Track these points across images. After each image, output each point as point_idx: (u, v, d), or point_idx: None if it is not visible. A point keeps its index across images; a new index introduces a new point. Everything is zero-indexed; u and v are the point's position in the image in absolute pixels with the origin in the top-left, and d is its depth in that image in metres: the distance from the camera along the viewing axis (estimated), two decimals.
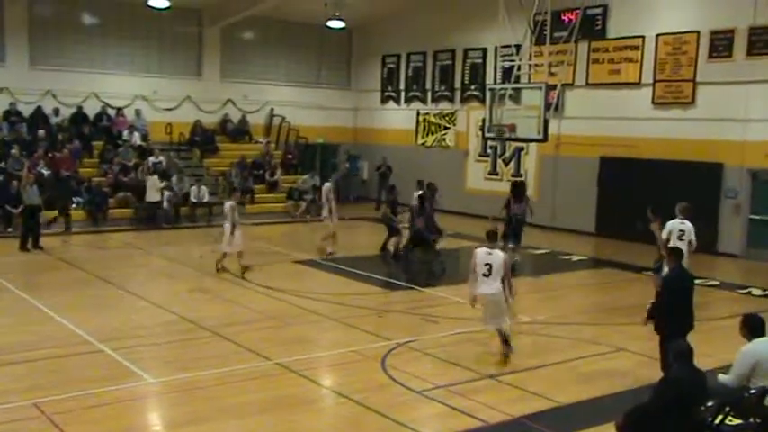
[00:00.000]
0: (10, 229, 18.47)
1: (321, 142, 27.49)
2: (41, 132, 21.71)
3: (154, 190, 20.98)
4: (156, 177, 21.22)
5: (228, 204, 14.61)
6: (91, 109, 23.50)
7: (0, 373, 8.77)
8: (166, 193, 21.25)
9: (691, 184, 18.43)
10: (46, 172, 20.41)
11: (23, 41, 22.52)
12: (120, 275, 14.17)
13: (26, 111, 22.37)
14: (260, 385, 8.69)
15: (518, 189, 16.65)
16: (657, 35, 19.38)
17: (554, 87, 16.84)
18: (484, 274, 9.39)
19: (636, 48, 19.88)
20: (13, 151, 20.43)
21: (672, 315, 8.37)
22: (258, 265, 14.90)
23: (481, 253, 9.48)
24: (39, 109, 22.53)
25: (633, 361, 9.82)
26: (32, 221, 16.70)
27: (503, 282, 9.38)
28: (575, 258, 17.86)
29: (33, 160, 20.50)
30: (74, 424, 7.31)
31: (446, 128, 25.78)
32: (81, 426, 7.32)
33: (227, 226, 14.36)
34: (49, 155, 21.03)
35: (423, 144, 26.51)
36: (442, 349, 10.09)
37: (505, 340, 9.59)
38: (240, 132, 26.13)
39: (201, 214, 21.74)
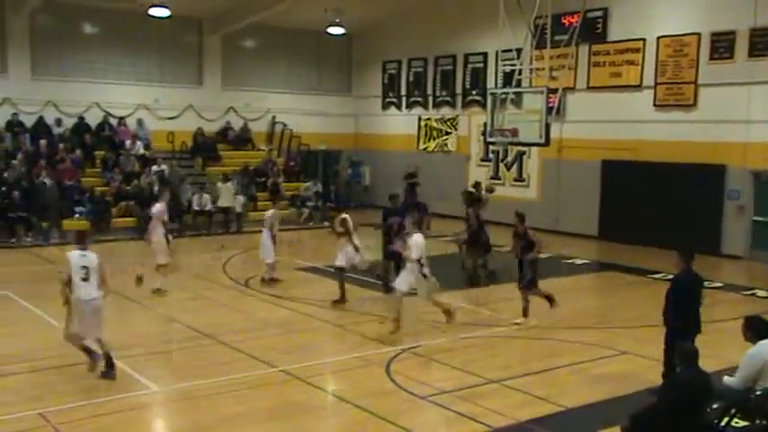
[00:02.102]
0: (13, 240, 18.50)
1: (323, 149, 27.51)
2: (43, 142, 21.74)
3: (229, 195, 21.78)
4: (229, 184, 22.06)
5: (271, 212, 14.20)
6: (93, 119, 23.51)
7: (6, 382, 8.79)
8: (240, 198, 22.15)
9: (693, 186, 18.45)
10: (48, 182, 20.45)
11: (25, 52, 22.56)
12: (123, 284, 14.12)
13: (28, 121, 22.39)
14: (265, 393, 8.68)
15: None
16: (658, 37, 19.39)
17: (555, 91, 16.82)
18: (82, 279, 8.71)
19: (637, 50, 19.88)
20: (15, 162, 20.46)
21: (677, 315, 8.34)
22: (258, 274, 14.85)
23: (75, 255, 8.79)
24: (41, 119, 22.56)
25: (638, 364, 9.78)
26: None
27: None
28: (578, 262, 17.83)
29: (36, 170, 20.57)
30: None
31: (448, 133, 25.80)
32: None
33: (268, 234, 13.80)
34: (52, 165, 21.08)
35: (425, 149, 26.52)
36: (447, 355, 10.07)
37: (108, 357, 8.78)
38: (242, 140, 26.16)
39: (203, 222, 21.75)
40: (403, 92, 27.33)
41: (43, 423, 7.49)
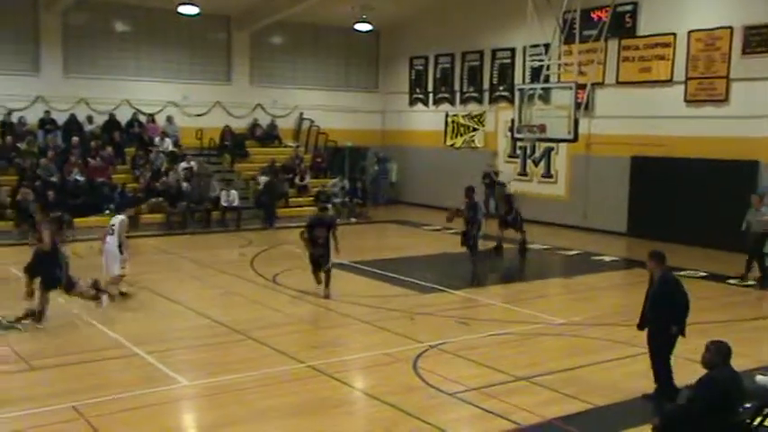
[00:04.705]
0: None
1: (350, 145, 27.57)
2: (75, 139, 22.06)
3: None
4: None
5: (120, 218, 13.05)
6: (123, 116, 23.81)
7: (39, 376, 8.93)
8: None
9: (725, 182, 18.17)
10: (80, 179, 20.76)
11: (57, 51, 22.90)
12: (151, 280, 14.32)
13: (60, 119, 22.74)
14: (292, 388, 8.73)
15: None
16: (689, 32, 19.12)
17: (584, 86, 16.70)
18: None
19: (667, 45, 19.63)
20: (43, 160, 20.78)
21: (674, 318, 8.18)
22: (288, 270, 14.96)
23: None
24: (73, 117, 22.88)
25: (680, 361, 9.66)
26: None
27: None
28: (607, 259, 17.68)
29: (68, 167, 20.89)
30: (111, 427, 7.41)
31: (475, 129, 25.70)
32: (118, 429, 7.42)
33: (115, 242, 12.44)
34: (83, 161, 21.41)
35: (452, 145, 26.45)
36: (474, 352, 10.04)
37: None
38: (270, 137, 26.31)
39: (231, 218, 21.92)
40: (430, 88, 27.27)
41: (76, 416, 7.60)
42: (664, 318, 8.19)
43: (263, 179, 23.43)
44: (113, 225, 12.50)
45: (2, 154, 20.97)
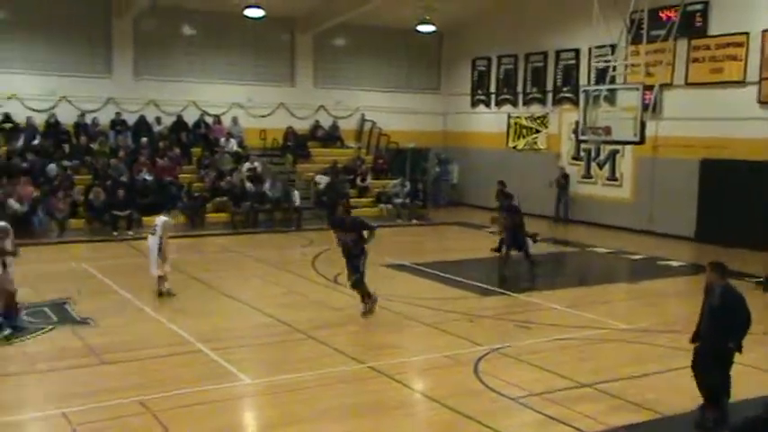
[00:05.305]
0: (116, 233, 19.35)
1: (411, 146, 27.57)
2: (144, 140, 22.68)
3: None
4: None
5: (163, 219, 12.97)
6: (190, 117, 24.37)
7: (108, 370, 9.19)
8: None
9: None
10: (149, 178, 21.32)
11: (129, 54, 23.61)
12: (216, 278, 14.60)
13: (131, 120, 23.41)
14: (353, 388, 8.78)
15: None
16: (763, 30, 18.48)
17: (651, 88, 16.33)
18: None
19: (740, 45, 19.01)
20: (114, 160, 21.41)
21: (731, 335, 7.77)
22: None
23: None
24: (142, 118, 23.54)
25: (737, 371, 9.34)
26: None
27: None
28: (674, 264, 17.23)
29: (137, 167, 21.49)
30: (176, 421, 7.57)
31: (537, 131, 25.40)
32: (183, 423, 7.58)
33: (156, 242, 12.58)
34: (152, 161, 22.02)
35: (514, 147, 26.20)
36: (537, 356, 9.91)
37: None
38: (331, 138, 26.53)
39: (294, 218, 22.15)
40: (492, 89, 27.07)
41: (143, 410, 7.80)
42: (722, 332, 7.74)
43: (324, 179, 23.64)
44: (156, 226, 12.73)
45: (76, 154, 21.70)
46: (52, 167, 20.62)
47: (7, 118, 21.71)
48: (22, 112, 21.89)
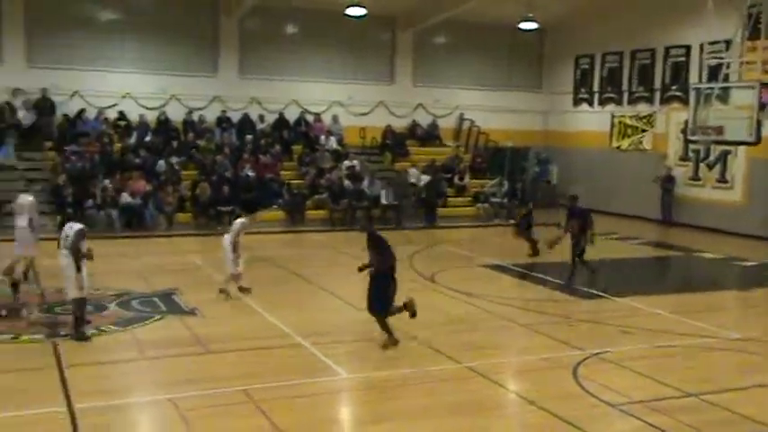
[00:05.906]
0: (219, 228, 19.98)
1: (510, 146, 27.21)
2: (248, 137, 23.36)
3: None
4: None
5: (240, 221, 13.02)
6: (291, 115, 24.89)
7: (216, 359, 9.54)
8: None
9: None
10: (251, 174, 21.93)
11: (234, 53, 24.34)
12: (315, 274, 14.87)
13: (235, 117, 24.13)
14: (449, 387, 8.76)
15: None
16: None
17: None
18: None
19: None
20: (219, 156, 22.15)
21: None
22: (445, 270, 15.00)
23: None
24: (246, 116, 24.22)
25: None
26: None
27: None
28: None
29: (241, 163, 22.16)
30: (277, 411, 7.76)
31: (644, 130, 24.58)
32: (283, 413, 7.75)
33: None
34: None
35: (617, 147, 25.45)
36: (639, 362, 9.61)
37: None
38: (430, 136, 26.52)
39: (391, 216, 22.29)
40: (596, 88, 26.39)
41: (246, 399, 8.05)
42: None
43: (424, 177, 23.61)
44: (235, 224, 12.97)
45: (183, 150, 22.58)
46: (161, 163, 21.53)
47: (122, 116, 22.81)
48: (136, 110, 22.92)
